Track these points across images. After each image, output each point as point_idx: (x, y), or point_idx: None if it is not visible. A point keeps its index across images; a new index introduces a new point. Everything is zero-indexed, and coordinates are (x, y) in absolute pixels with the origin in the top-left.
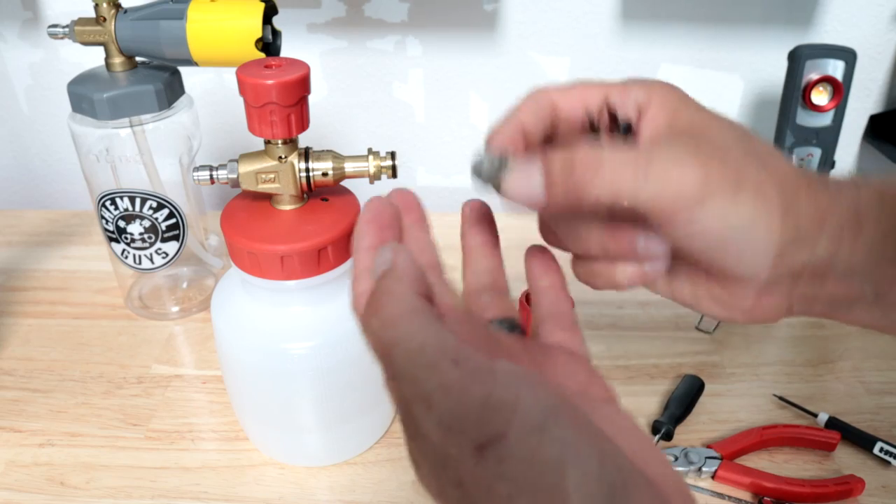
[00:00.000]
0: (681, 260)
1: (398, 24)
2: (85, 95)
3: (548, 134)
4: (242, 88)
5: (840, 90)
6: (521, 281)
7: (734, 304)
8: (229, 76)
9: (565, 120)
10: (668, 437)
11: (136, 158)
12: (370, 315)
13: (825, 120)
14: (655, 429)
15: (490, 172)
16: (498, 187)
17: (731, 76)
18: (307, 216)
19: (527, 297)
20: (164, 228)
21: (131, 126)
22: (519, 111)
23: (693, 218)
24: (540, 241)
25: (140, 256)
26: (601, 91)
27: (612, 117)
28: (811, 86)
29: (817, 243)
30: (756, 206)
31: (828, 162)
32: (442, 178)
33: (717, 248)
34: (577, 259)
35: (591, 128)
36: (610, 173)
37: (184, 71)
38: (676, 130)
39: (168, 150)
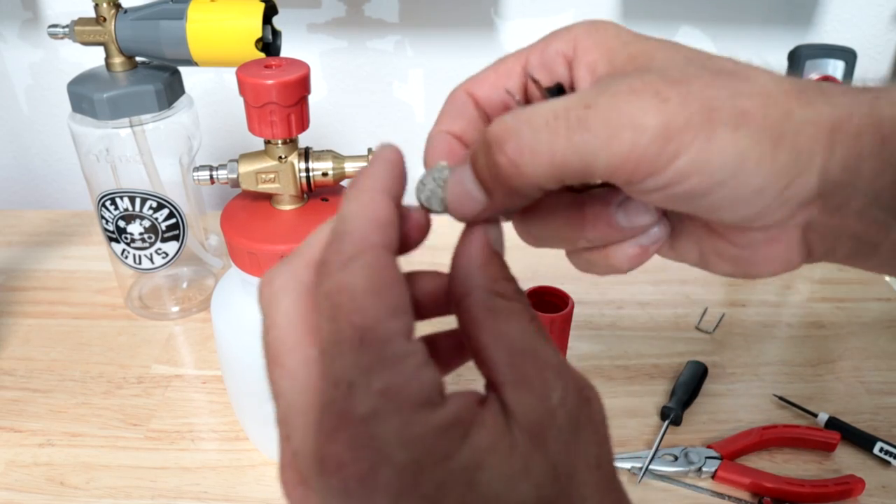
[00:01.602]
0: (677, 217)
1: (398, 24)
2: (85, 95)
3: None
4: (242, 88)
5: None
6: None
7: (745, 258)
8: (229, 76)
9: (493, 109)
10: (676, 422)
11: (136, 158)
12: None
13: None
14: (664, 414)
15: (434, 196)
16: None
17: None
18: (307, 216)
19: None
20: (164, 228)
21: (131, 126)
22: (441, 120)
23: (662, 171)
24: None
25: (140, 256)
26: (517, 61)
27: (539, 87)
28: None
29: (828, 164)
30: (738, 139)
31: None
32: None
33: (703, 198)
34: (569, 253)
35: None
36: (535, 138)
37: (184, 71)
38: (616, 69)
39: (168, 150)
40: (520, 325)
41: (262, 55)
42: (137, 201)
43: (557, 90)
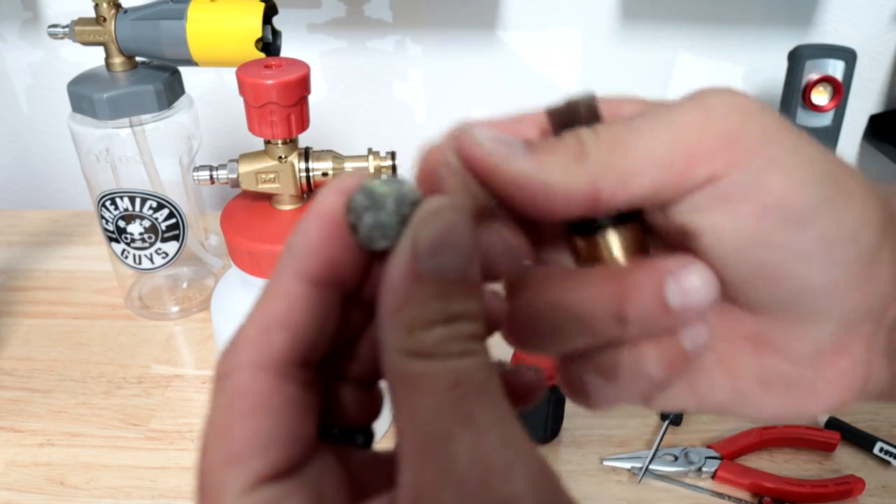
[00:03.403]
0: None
1: (398, 24)
2: (85, 95)
3: None
4: (242, 88)
5: (840, 90)
6: None
7: (803, 382)
8: (229, 76)
9: None
10: (676, 421)
11: (136, 158)
12: None
13: (825, 120)
14: (664, 414)
15: (385, 228)
16: None
17: (732, 76)
18: None
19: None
20: (164, 228)
21: (131, 126)
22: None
23: (720, 177)
24: None
25: (140, 256)
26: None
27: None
28: (811, 86)
29: None
30: (852, 200)
31: None
32: None
33: (776, 246)
34: (568, 364)
35: (555, 110)
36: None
37: (184, 71)
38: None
39: (168, 150)
40: (433, 400)
41: (262, 55)
42: (137, 201)
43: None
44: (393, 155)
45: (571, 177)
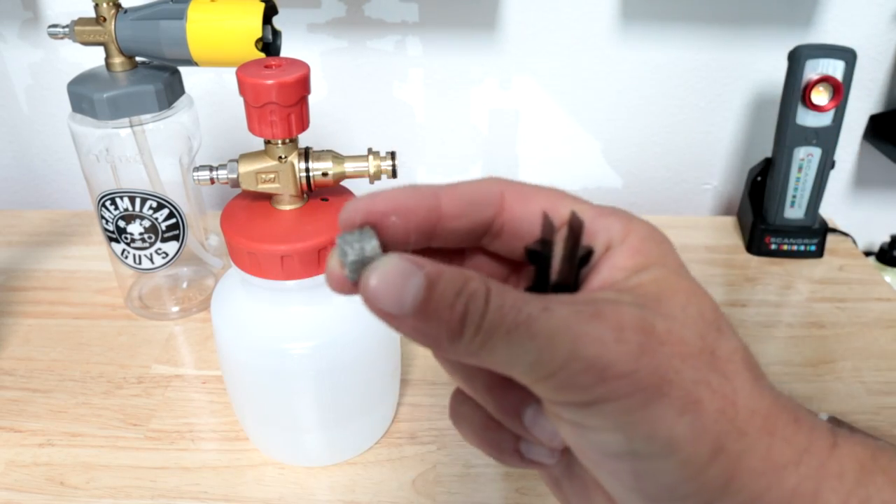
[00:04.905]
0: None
1: (398, 24)
2: (85, 95)
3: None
4: (242, 88)
5: (840, 90)
6: None
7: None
8: (229, 76)
9: (514, 224)
10: None
11: (136, 158)
12: None
13: (825, 120)
14: None
15: (355, 262)
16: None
17: (732, 76)
18: (307, 216)
19: None
20: (164, 228)
21: (131, 126)
22: (442, 188)
23: (585, 406)
24: None
25: (140, 256)
26: (570, 203)
27: (572, 238)
28: (811, 86)
29: None
30: (676, 423)
31: (828, 162)
32: (442, 179)
33: (603, 465)
34: (459, 396)
35: (534, 253)
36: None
37: (184, 71)
38: (632, 286)
39: (168, 150)
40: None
41: (262, 55)
42: (137, 201)
43: (584, 260)
44: (393, 155)
45: (447, 351)
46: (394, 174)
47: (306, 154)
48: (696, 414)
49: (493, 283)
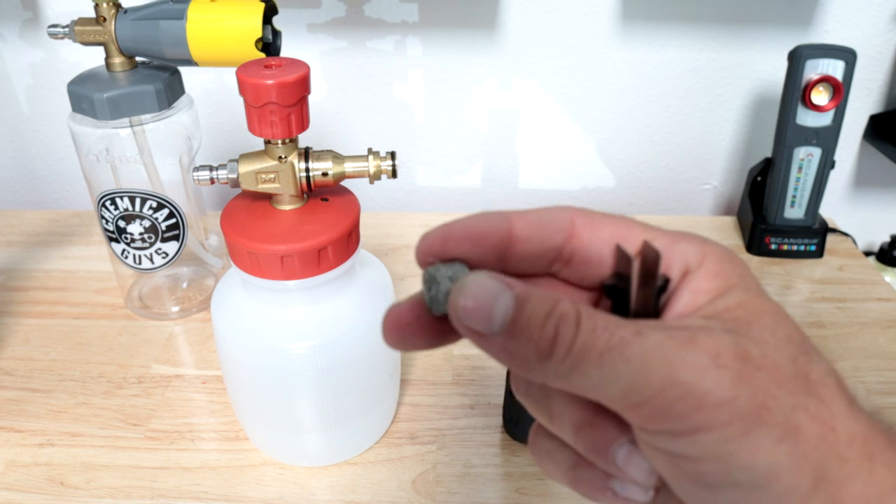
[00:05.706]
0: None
1: (398, 24)
2: (85, 95)
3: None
4: (242, 88)
5: (840, 90)
6: None
7: None
8: (229, 76)
9: (584, 254)
10: None
11: (136, 158)
12: None
13: (825, 120)
14: None
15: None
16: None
17: (731, 76)
18: (307, 216)
19: None
20: (164, 228)
21: (131, 126)
22: (513, 214)
23: (680, 436)
24: None
25: (140, 256)
26: (641, 232)
27: (648, 270)
28: (811, 86)
29: None
30: (776, 451)
31: (828, 162)
32: (442, 178)
33: (700, 497)
34: (541, 432)
35: (611, 288)
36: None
37: (184, 71)
38: (718, 311)
39: (168, 150)
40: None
41: (262, 55)
42: (137, 201)
43: (662, 289)
44: (393, 155)
45: (535, 372)
46: (394, 174)
47: (306, 154)
48: (796, 441)
49: (583, 307)
